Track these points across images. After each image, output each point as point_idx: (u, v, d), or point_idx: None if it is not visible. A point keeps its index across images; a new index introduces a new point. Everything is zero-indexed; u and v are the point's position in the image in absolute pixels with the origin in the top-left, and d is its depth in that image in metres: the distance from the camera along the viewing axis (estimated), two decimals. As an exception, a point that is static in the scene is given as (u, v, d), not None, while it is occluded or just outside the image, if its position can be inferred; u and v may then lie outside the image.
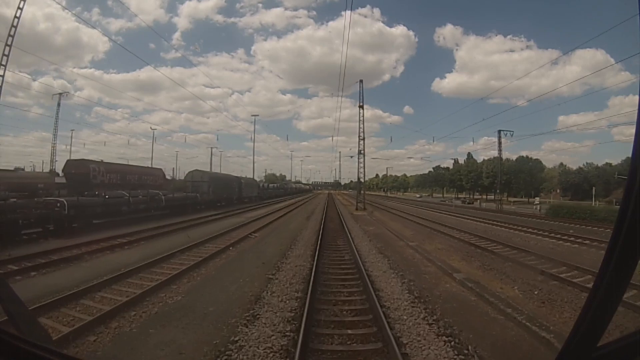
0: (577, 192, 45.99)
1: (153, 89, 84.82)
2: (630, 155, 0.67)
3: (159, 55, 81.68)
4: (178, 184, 24.29)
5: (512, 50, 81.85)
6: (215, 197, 22.60)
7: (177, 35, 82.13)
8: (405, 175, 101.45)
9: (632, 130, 0.63)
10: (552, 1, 75.31)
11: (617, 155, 48.43)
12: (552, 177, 50.95)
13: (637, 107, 0.65)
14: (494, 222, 14.64)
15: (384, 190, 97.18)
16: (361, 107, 23.05)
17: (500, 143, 36.66)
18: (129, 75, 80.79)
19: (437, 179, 74.01)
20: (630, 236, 0.65)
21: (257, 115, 43.62)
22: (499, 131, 36.76)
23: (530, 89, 68.10)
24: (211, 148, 53.33)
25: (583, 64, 66.87)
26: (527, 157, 49.62)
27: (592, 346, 0.67)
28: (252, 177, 42.65)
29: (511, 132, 35.29)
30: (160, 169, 20.90)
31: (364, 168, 26.44)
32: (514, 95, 79.12)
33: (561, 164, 56.31)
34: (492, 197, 53.59)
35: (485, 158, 60.76)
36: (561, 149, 71.10)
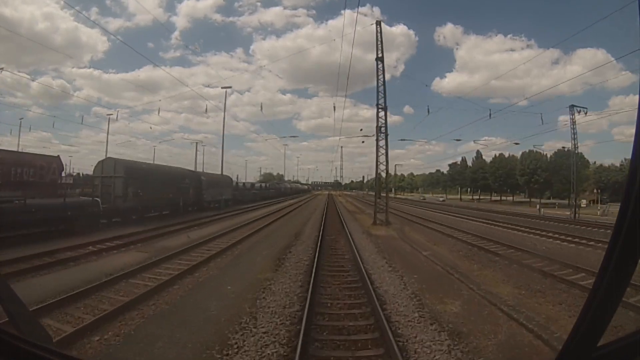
0: (617, 192, 60.44)
1: (152, 89, 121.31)
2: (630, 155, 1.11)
3: (157, 55, 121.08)
4: (82, 182, 25.47)
5: (512, 50, 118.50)
6: (141, 203, 22.22)
7: (176, 34, 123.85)
8: (412, 174, 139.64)
9: (632, 130, 1.07)
10: (552, 0, 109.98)
11: (617, 155, 72.44)
12: (587, 175, 68.27)
13: (637, 107, 1.04)
14: None
15: (388, 191, 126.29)
16: (380, 59, 25.32)
17: (574, 123, 40.66)
18: (128, 75, 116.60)
19: (454, 178, 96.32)
20: (630, 236, 1.06)
21: (230, 87, 49.75)
22: (572, 106, 40.58)
23: (531, 88, 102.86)
24: (196, 143, 59.19)
25: (584, 64, 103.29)
26: (568, 150, 63.51)
27: (592, 346, 1.07)
28: (223, 173, 47.22)
29: (585, 109, 40.10)
30: (56, 157, 20.32)
31: (387, 155, 26.20)
32: (514, 95, 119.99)
33: (587, 161, 75.72)
34: (522, 199, 77.71)
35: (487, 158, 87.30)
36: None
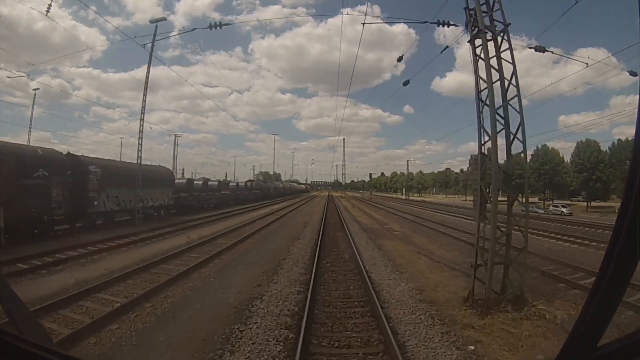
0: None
1: (151, 88, 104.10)
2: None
3: (156, 54, 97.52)
4: None
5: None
6: None
7: (174, 33, 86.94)
8: (421, 172, 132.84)
9: (633, 130, 1.04)
10: (552, 0, 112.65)
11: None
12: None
13: (637, 107, 1.04)
14: None
15: (394, 191, 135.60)
16: None
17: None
18: (126, 75, 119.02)
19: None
20: (630, 236, 1.09)
21: (164, 18, 47.58)
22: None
23: (532, 87, 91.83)
24: (174, 136, 54.92)
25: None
26: (627, 139, 56.38)
27: (592, 346, 1.08)
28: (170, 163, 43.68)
29: None
30: None
31: (515, 75, 9.28)
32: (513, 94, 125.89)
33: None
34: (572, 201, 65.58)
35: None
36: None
